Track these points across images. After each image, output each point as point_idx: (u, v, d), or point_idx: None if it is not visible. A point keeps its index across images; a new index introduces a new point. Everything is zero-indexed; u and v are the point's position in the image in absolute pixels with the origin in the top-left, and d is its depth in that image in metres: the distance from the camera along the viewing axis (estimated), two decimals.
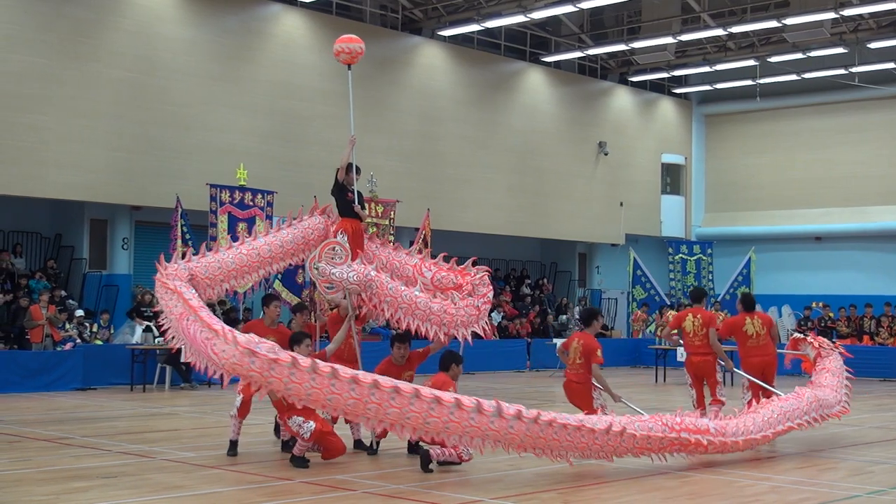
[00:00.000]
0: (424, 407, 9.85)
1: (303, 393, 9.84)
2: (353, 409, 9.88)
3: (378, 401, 9.80)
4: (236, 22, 26.00)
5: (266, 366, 9.78)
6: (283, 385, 9.82)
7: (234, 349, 9.86)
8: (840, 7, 28.36)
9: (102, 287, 24.51)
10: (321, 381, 9.77)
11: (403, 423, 9.90)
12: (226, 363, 9.92)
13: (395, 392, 9.81)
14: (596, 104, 35.42)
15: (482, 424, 9.97)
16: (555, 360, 26.95)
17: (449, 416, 9.88)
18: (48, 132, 22.57)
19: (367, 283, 11.65)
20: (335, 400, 9.81)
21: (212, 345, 10.05)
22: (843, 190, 35.12)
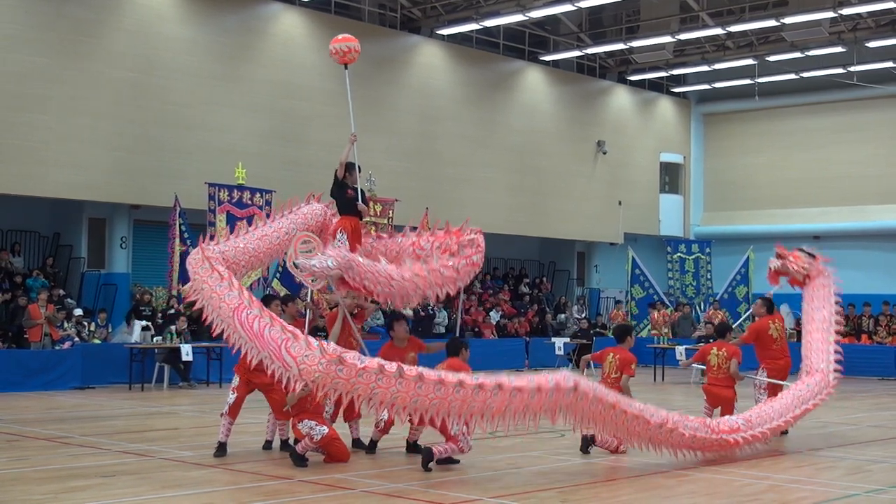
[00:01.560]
0: (506, 397, 10.01)
1: (388, 397, 9.93)
2: (437, 408, 9.98)
3: (462, 398, 9.95)
4: (236, 21, 26.00)
5: (354, 373, 9.86)
6: (370, 390, 9.89)
7: (319, 356, 9.91)
8: (838, 6, 28.37)
9: (101, 286, 24.51)
10: (407, 385, 9.90)
11: (484, 413, 10.05)
12: (305, 368, 9.93)
13: (478, 388, 9.98)
14: (595, 103, 35.42)
15: (570, 404, 10.34)
16: (553, 360, 27.00)
17: (529, 399, 10.10)
18: (47, 131, 22.57)
19: (347, 264, 11.60)
20: (420, 401, 9.94)
21: (287, 347, 10.04)
22: (842, 189, 35.13)
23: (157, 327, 22.65)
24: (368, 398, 10.00)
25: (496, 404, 10.02)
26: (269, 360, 10.27)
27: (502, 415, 10.09)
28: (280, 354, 10.12)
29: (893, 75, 33.52)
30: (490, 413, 10.06)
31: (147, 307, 23.46)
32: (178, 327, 22.00)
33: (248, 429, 13.78)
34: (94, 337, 22.39)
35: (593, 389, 10.53)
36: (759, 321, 14.92)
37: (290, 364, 10.04)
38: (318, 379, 9.94)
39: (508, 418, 10.14)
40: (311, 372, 9.92)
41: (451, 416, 10.11)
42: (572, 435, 12.50)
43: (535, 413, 10.23)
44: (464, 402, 9.96)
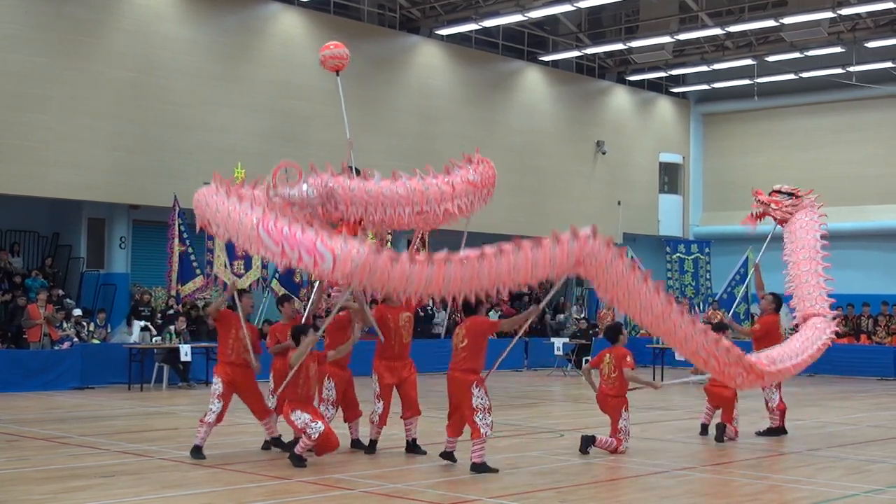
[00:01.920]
0: (528, 254, 10.10)
1: (423, 282, 9.90)
2: (469, 283, 9.95)
3: (488, 266, 9.96)
4: (235, 21, 26.00)
5: (388, 261, 9.83)
6: (406, 278, 9.88)
7: (357, 245, 9.87)
8: (838, 6, 28.38)
9: (100, 286, 24.50)
10: (439, 267, 9.90)
11: (512, 273, 10.05)
12: (342, 257, 9.79)
13: (499, 253, 10.02)
14: (594, 103, 35.43)
15: (593, 251, 10.51)
16: (552, 360, 27.01)
17: (551, 252, 10.22)
18: (47, 131, 22.58)
19: (328, 193, 11.52)
20: (453, 281, 9.91)
21: (323, 239, 9.97)
22: (841, 189, 35.06)
23: (156, 327, 22.65)
24: (405, 286, 9.97)
25: (522, 263, 10.02)
26: (301, 255, 10.12)
27: (531, 272, 10.05)
28: (314, 247, 10.03)
29: (892, 75, 33.53)
30: (518, 273, 10.03)
31: (146, 307, 23.46)
32: (177, 327, 22.00)
33: (247, 429, 13.79)
34: (93, 337, 22.39)
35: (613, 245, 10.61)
36: (770, 316, 14.98)
37: (325, 255, 9.94)
38: (355, 269, 9.90)
39: (537, 274, 10.11)
40: (347, 262, 9.89)
41: (482, 288, 10.03)
42: (571, 435, 12.50)
43: (563, 265, 10.22)
44: (491, 270, 9.94)
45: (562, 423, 15.77)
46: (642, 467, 11.46)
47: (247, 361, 11.88)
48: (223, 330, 11.88)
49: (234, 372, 11.76)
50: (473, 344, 11.05)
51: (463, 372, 10.98)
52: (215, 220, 11.03)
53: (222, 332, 11.89)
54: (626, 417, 12.51)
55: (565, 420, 16.71)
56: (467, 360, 11.00)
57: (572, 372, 26.65)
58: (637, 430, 14.03)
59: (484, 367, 11.14)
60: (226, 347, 11.82)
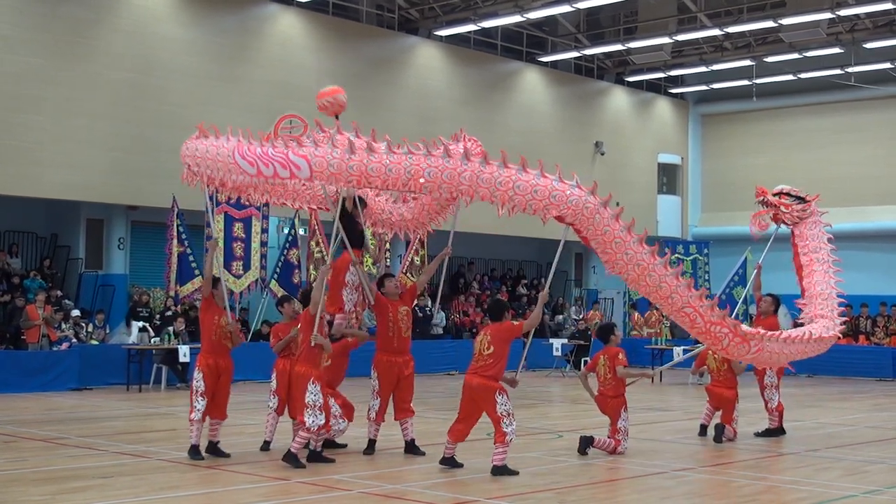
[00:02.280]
0: (513, 172, 10.37)
1: (403, 172, 10.08)
2: (450, 180, 10.20)
3: (471, 170, 10.23)
4: (233, 22, 25.99)
5: (365, 157, 10.00)
6: (385, 171, 10.03)
7: (329, 149, 10.02)
8: (836, 7, 28.38)
9: (98, 287, 24.49)
10: (418, 158, 10.16)
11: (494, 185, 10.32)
12: (318, 161, 10.04)
13: (484, 162, 10.32)
14: (592, 104, 35.43)
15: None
16: (551, 360, 27.00)
17: (536, 179, 10.48)
18: (44, 132, 22.56)
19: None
20: (434, 172, 10.13)
21: (294, 150, 10.14)
22: (840, 190, 35.03)
23: (154, 328, 22.64)
24: (385, 180, 9.99)
25: (524, 183, 10.25)
26: (276, 169, 10.25)
27: (529, 196, 10.31)
28: (288, 158, 10.12)
29: (891, 76, 33.54)
30: (518, 190, 10.26)
31: (145, 308, 23.46)
32: (175, 328, 21.99)
33: (245, 430, 13.79)
34: (91, 338, 22.38)
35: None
36: (770, 318, 15.01)
37: (299, 163, 10.02)
38: (332, 169, 9.92)
39: (535, 204, 10.39)
40: (323, 163, 9.90)
41: (471, 191, 10.23)
42: (570, 436, 12.50)
43: (560, 201, 10.44)
44: (490, 176, 10.18)
45: (560, 424, 15.77)
46: (641, 468, 11.46)
47: (228, 350, 11.82)
48: (207, 318, 11.79)
49: (217, 363, 11.67)
50: (499, 350, 11.00)
51: (486, 378, 10.86)
52: (195, 162, 11.35)
53: (206, 321, 11.79)
54: (624, 418, 12.50)
55: (564, 421, 16.70)
56: (492, 366, 10.89)
57: (571, 373, 26.65)
58: (636, 431, 14.02)
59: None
60: (210, 336, 11.71)
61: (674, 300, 10.77)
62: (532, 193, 10.31)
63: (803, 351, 12.27)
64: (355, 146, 10.15)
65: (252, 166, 10.49)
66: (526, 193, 10.30)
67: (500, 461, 10.70)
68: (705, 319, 10.87)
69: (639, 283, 10.80)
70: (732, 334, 11.05)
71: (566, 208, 10.36)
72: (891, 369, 26.12)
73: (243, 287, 23.53)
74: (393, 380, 11.92)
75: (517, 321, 11.37)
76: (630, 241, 10.61)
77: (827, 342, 12.76)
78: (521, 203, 10.33)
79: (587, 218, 10.43)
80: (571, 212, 10.37)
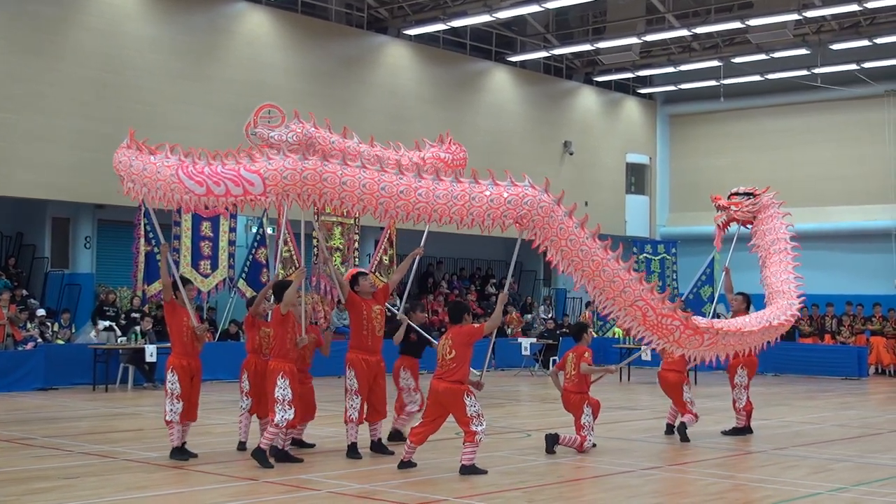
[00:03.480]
0: (447, 184, 10.40)
1: (357, 185, 10.09)
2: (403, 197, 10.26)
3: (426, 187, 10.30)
4: (202, 20, 25.86)
5: (319, 164, 10.03)
6: (339, 182, 10.01)
7: (281, 161, 9.96)
8: (803, 8, 28.58)
9: (64, 286, 24.30)
10: (371, 172, 10.18)
11: (431, 203, 10.41)
12: (270, 175, 10.00)
13: (417, 176, 10.35)
14: (561, 104, 35.51)
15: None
16: (519, 360, 27.05)
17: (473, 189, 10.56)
18: (10, 130, 22.37)
19: (308, 140, 11.50)
20: (388, 187, 10.15)
21: (246, 166, 10.08)
22: (806, 190, 35.32)
23: (121, 328, 22.49)
24: (340, 193, 9.96)
25: (458, 193, 10.31)
26: (228, 187, 10.16)
27: (467, 207, 10.41)
28: (240, 175, 10.03)
29: (857, 77, 33.80)
30: (454, 203, 10.36)
31: (112, 307, 23.30)
32: (142, 328, 21.86)
33: (214, 430, 13.73)
34: (57, 337, 22.21)
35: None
36: (741, 315, 15.02)
37: (252, 179, 9.95)
38: (286, 181, 9.86)
39: (473, 212, 10.43)
40: (276, 177, 9.86)
41: (416, 207, 10.29)
42: (538, 435, 12.51)
43: (498, 209, 10.42)
44: (428, 190, 10.24)
45: (529, 423, 15.79)
46: (608, 467, 11.49)
47: (198, 351, 11.74)
48: (175, 320, 11.68)
49: (190, 364, 11.58)
50: (461, 354, 10.94)
51: (452, 383, 10.81)
52: (131, 178, 11.18)
53: (174, 323, 11.68)
54: (587, 413, 12.55)
55: (532, 420, 16.73)
56: (456, 371, 10.83)
57: (539, 372, 26.71)
58: (603, 430, 14.07)
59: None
60: (181, 337, 11.61)
61: (626, 294, 10.88)
62: (489, 203, 10.37)
63: (760, 340, 12.36)
64: (309, 156, 10.08)
65: (201, 185, 10.31)
66: (483, 204, 10.39)
67: (469, 461, 10.70)
68: (657, 312, 10.99)
69: (593, 279, 10.84)
70: (684, 326, 11.15)
71: (523, 210, 10.42)
72: (856, 368, 26.31)
73: (211, 286, 23.39)
74: (370, 378, 11.87)
75: (478, 323, 11.31)
76: (584, 236, 10.72)
77: (783, 328, 12.82)
78: (480, 215, 10.43)
79: (543, 217, 10.50)
80: (528, 213, 10.41)
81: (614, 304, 11.03)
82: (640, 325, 11.11)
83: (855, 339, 28.52)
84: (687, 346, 11.34)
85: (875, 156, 34.72)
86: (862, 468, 11.68)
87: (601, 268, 10.76)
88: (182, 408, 11.42)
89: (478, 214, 10.41)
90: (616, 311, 11.09)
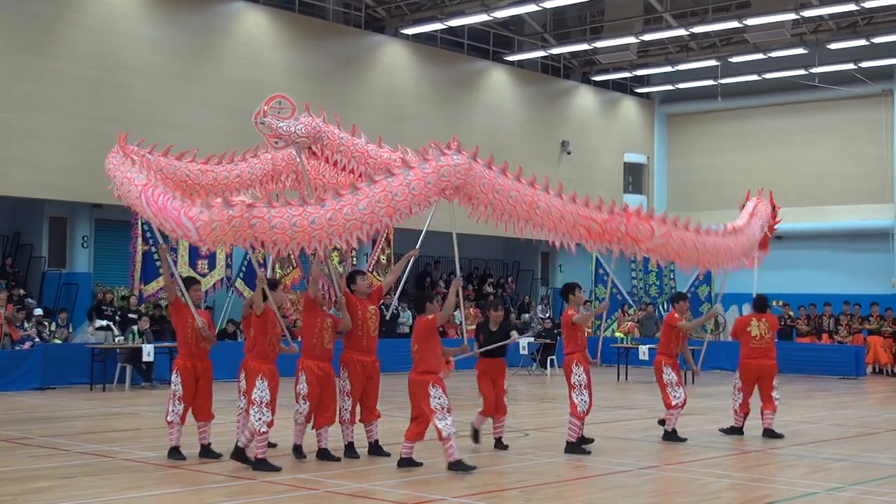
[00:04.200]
0: (384, 184, 10.31)
1: (288, 227, 9.93)
2: (333, 224, 10.06)
3: (352, 203, 10.13)
4: (199, 20, 25.85)
5: (245, 209, 9.85)
6: (268, 225, 9.87)
7: (208, 210, 9.86)
8: (800, 8, 28.60)
9: (62, 286, 24.29)
10: (302, 210, 10.00)
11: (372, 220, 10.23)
12: (202, 224, 9.82)
13: (354, 189, 10.22)
14: (559, 103, 35.52)
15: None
16: (517, 359, 27.03)
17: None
18: (7, 129, 22.35)
19: (317, 134, 11.48)
20: (319, 221, 10.00)
21: (185, 211, 9.98)
22: (803, 190, 35.36)
23: (119, 327, 22.47)
24: (272, 237, 9.93)
25: (381, 195, 10.22)
26: (173, 227, 10.13)
27: (392, 203, 10.25)
28: (179, 220, 10.02)
29: (854, 77, 33.83)
30: (382, 208, 10.20)
31: (109, 307, 23.28)
32: (140, 327, 21.85)
33: (211, 429, 13.69)
34: (54, 337, 22.19)
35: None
36: (742, 317, 15.13)
37: (188, 225, 9.95)
38: (216, 231, 9.85)
39: (399, 205, 10.30)
40: (207, 227, 9.84)
41: (352, 228, 10.13)
42: (536, 434, 12.50)
43: (423, 190, 10.37)
44: (353, 209, 10.10)
45: (526, 423, 15.78)
46: (606, 466, 11.49)
47: (206, 351, 11.70)
48: (180, 321, 11.67)
49: (195, 365, 11.56)
50: (424, 345, 11.02)
51: (419, 374, 10.93)
52: (116, 184, 11.30)
53: (180, 324, 11.67)
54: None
55: (530, 419, 16.72)
56: (421, 362, 10.95)
57: (537, 371, 26.71)
58: (601, 429, 14.08)
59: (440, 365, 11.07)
60: (185, 338, 11.60)
61: (566, 219, 10.98)
62: (411, 192, 10.36)
63: (723, 246, 12.08)
64: (234, 204, 10.00)
65: (155, 216, 10.38)
66: (405, 196, 10.35)
67: (451, 457, 10.73)
68: (599, 221, 11.03)
69: (531, 218, 10.86)
70: (627, 217, 11.14)
71: (443, 183, 10.45)
72: (853, 367, 26.32)
73: (209, 286, 23.38)
74: (364, 379, 11.83)
75: (433, 314, 11.25)
76: (509, 180, 10.81)
77: (749, 240, 12.73)
78: (407, 206, 10.40)
79: (465, 179, 10.59)
80: (448, 183, 10.48)
81: (558, 232, 11.05)
82: (592, 240, 11.11)
83: (852, 339, 28.54)
84: (636, 234, 11.16)
85: (872, 155, 34.74)
86: (859, 467, 11.68)
87: (535, 205, 10.82)
88: (183, 409, 11.38)
89: (404, 207, 10.37)
90: (564, 239, 11.09)
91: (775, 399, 14.21)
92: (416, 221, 13.32)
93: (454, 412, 10.94)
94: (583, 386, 12.33)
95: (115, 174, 11.29)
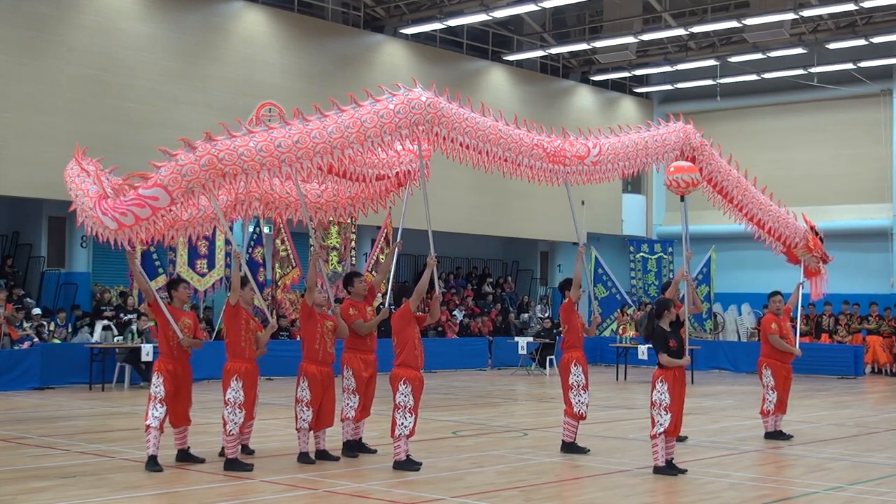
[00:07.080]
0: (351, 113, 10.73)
1: (254, 151, 10.09)
2: (304, 148, 10.33)
3: (314, 129, 10.44)
4: (197, 19, 25.84)
5: (209, 146, 10.10)
6: (236, 153, 10.02)
7: (170, 162, 10.18)
8: (799, 7, 28.59)
9: (61, 285, 24.27)
10: (263, 135, 10.21)
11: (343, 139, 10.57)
12: (172, 178, 10.05)
13: (321, 118, 10.58)
14: (558, 103, 35.51)
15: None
16: (516, 359, 27.05)
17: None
18: (5, 129, 22.32)
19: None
20: (285, 143, 10.21)
21: (143, 186, 10.15)
22: (802, 189, 35.34)
23: (118, 327, 22.46)
24: (242, 166, 10.05)
25: (349, 121, 10.55)
26: (138, 212, 10.14)
27: (361, 131, 10.60)
28: (142, 196, 10.10)
29: (854, 76, 33.83)
30: (350, 133, 10.54)
31: (108, 307, 23.27)
32: (138, 327, 21.84)
33: (209, 429, 13.70)
34: (53, 337, 22.18)
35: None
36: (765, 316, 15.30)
37: (156, 194, 10.06)
38: (187, 178, 9.98)
39: (370, 133, 10.62)
40: (177, 179, 10.02)
41: (315, 153, 10.31)
42: (535, 434, 12.50)
43: (391, 122, 10.63)
44: (321, 132, 10.42)
45: (525, 423, 15.79)
46: (606, 466, 11.49)
47: (188, 354, 11.48)
48: (162, 322, 11.34)
49: (177, 368, 11.33)
50: (399, 337, 11.10)
51: (396, 367, 11.04)
52: (74, 198, 11.35)
53: (162, 325, 11.43)
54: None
55: (529, 419, 16.72)
56: (399, 354, 11.04)
57: (536, 371, 26.71)
58: (600, 429, 14.08)
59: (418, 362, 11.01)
60: (167, 340, 11.35)
61: (523, 149, 11.77)
62: (380, 119, 10.60)
63: (640, 140, 13.46)
64: (204, 143, 10.12)
65: (114, 221, 10.23)
66: (374, 123, 10.58)
67: (398, 455, 10.81)
68: (547, 149, 12.02)
69: (504, 154, 11.67)
70: (569, 143, 12.29)
71: (414, 115, 10.67)
72: (853, 367, 26.34)
73: (208, 286, 23.39)
74: (367, 377, 11.86)
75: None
76: (477, 117, 11.47)
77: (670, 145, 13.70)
78: (377, 134, 10.59)
79: (436, 116, 10.84)
80: (420, 116, 10.67)
81: (520, 165, 11.78)
82: (546, 163, 12.00)
83: (851, 339, 28.56)
84: (562, 150, 12.25)
85: (872, 155, 34.75)
86: (858, 467, 11.69)
87: (500, 138, 11.46)
88: (164, 413, 11.06)
89: (375, 135, 10.54)
90: (526, 171, 11.74)
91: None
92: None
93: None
94: (580, 387, 12.33)
95: (70, 188, 11.26)
